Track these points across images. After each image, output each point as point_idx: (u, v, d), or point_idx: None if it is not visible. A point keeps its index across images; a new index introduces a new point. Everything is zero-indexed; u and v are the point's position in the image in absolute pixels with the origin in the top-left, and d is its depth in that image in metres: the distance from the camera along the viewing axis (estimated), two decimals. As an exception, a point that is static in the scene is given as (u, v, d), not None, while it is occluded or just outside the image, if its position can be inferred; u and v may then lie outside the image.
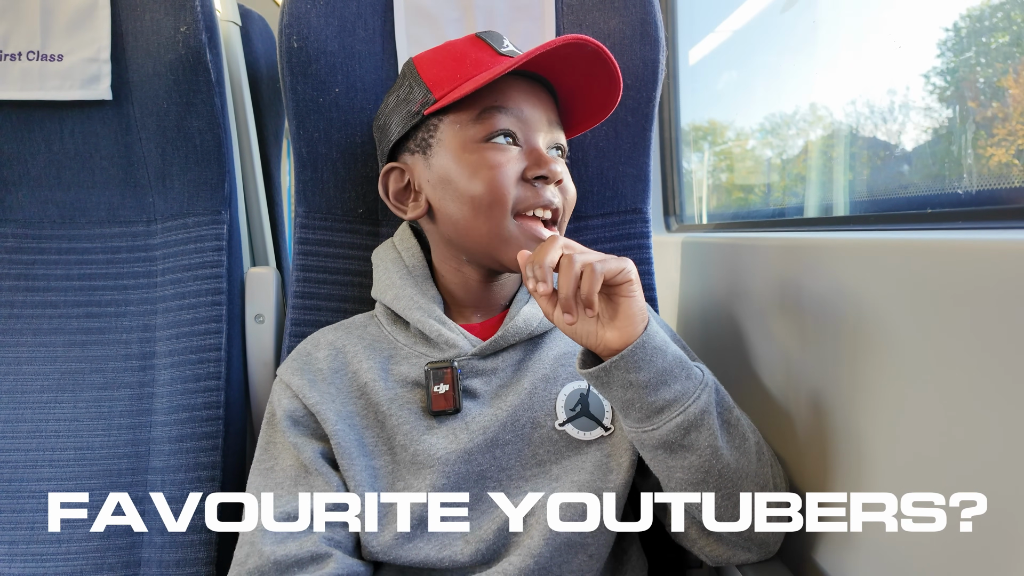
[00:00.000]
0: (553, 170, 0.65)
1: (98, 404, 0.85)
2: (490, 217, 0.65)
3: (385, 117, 0.73)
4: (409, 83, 0.69)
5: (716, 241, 0.93)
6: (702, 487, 0.58)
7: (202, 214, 0.90)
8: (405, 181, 0.72)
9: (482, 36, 0.69)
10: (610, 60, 0.65)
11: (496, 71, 0.63)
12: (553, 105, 0.70)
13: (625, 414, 0.58)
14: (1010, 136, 0.74)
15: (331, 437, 0.64)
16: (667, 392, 0.56)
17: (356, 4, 0.84)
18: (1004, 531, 0.43)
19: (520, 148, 0.66)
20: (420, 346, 0.69)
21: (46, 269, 0.89)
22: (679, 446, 0.57)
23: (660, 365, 0.56)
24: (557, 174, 0.66)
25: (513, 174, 0.65)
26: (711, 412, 0.58)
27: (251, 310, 0.93)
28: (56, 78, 0.86)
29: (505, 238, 0.65)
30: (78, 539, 0.80)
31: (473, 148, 0.66)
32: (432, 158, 0.68)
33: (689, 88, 1.33)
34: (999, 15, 0.79)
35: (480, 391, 0.67)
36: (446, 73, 0.67)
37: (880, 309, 0.55)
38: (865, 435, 0.57)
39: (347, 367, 0.68)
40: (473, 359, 0.67)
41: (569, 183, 0.70)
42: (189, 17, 0.84)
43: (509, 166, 0.65)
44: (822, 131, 1.22)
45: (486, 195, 0.64)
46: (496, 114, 0.66)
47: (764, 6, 1.30)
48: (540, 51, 0.61)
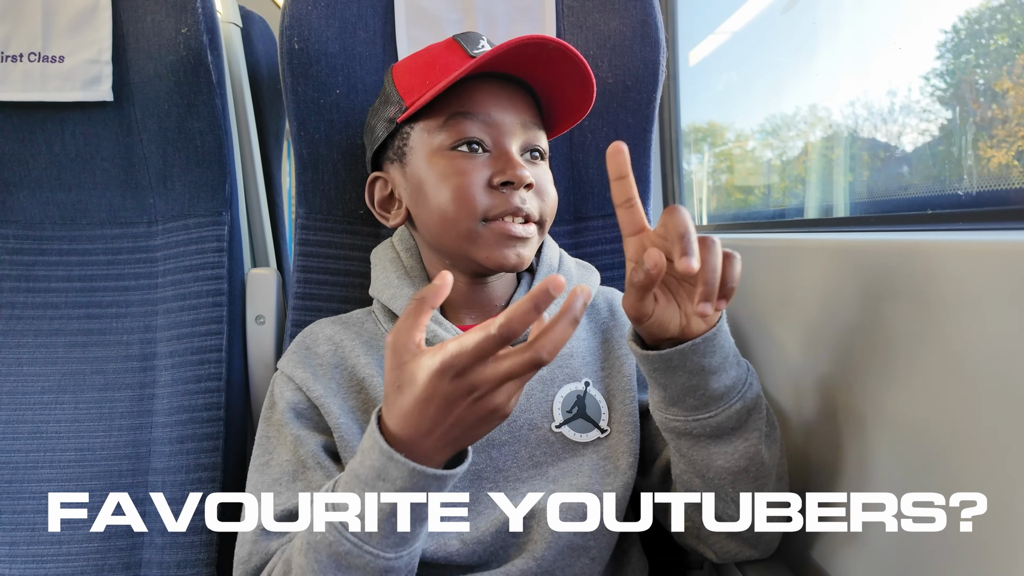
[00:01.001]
0: (519, 175, 0.63)
1: (99, 405, 0.85)
2: (458, 223, 0.64)
3: (370, 123, 0.73)
4: (387, 91, 0.69)
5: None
6: (740, 475, 0.58)
7: (203, 215, 0.90)
8: (388, 190, 0.72)
9: (458, 38, 0.68)
10: (577, 58, 0.63)
11: (452, 76, 0.61)
12: (530, 106, 0.69)
13: (679, 402, 0.57)
14: (1009, 138, 0.75)
15: (335, 430, 0.64)
16: (727, 378, 0.56)
17: (357, 6, 0.84)
18: (1004, 531, 0.43)
19: (489, 153, 0.65)
20: None
21: (47, 270, 0.89)
22: (731, 432, 0.57)
23: (728, 349, 0.56)
24: (523, 179, 0.63)
25: (480, 181, 0.64)
26: (762, 396, 0.59)
27: (252, 311, 0.93)
28: (57, 79, 0.86)
29: (475, 238, 0.64)
30: (79, 540, 0.80)
31: (441, 155, 0.65)
32: (407, 166, 0.68)
33: (689, 89, 1.33)
34: (999, 16, 0.79)
35: None
36: (416, 79, 0.67)
37: (880, 309, 0.56)
38: (865, 435, 0.57)
39: (345, 362, 0.68)
40: None
41: (546, 185, 0.68)
42: (190, 19, 0.85)
43: (475, 173, 0.64)
44: (822, 132, 1.22)
45: (452, 203, 0.64)
46: (462, 120, 0.64)
47: (764, 7, 1.31)
48: (497, 52, 0.60)
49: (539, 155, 0.69)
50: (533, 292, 0.42)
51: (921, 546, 0.50)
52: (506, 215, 0.64)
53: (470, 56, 0.65)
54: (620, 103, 0.86)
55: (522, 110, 0.67)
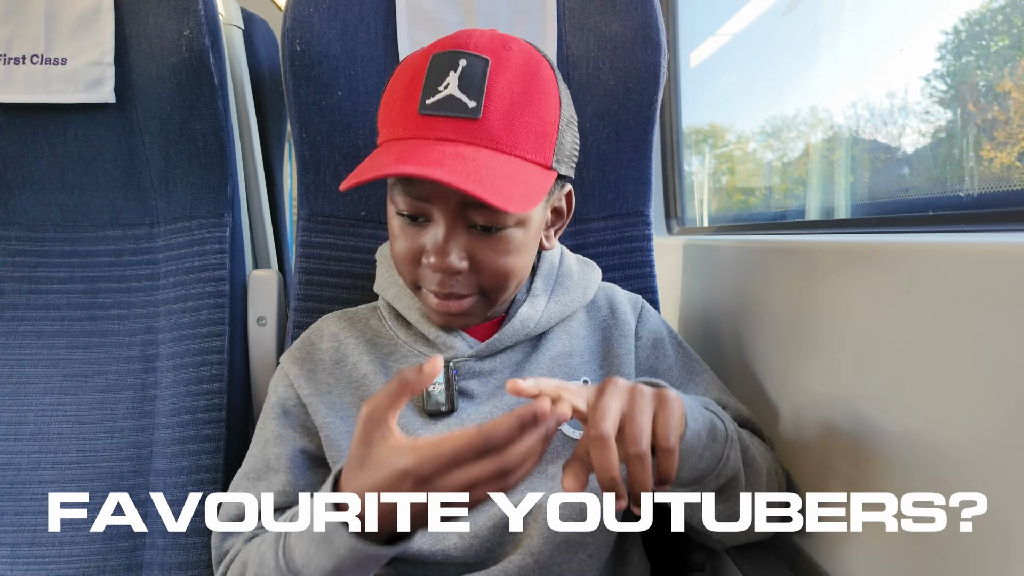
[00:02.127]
0: (441, 264, 0.59)
1: (101, 406, 0.85)
2: (405, 278, 0.65)
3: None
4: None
5: (717, 244, 0.93)
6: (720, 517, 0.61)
7: (205, 217, 0.90)
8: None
9: (431, 63, 0.59)
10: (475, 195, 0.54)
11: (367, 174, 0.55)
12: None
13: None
14: (1010, 139, 0.75)
15: (320, 430, 0.66)
16: (700, 466, 0.56)
17: (358, 8, 0.84)
18: (1004, 531, 0.43)
19: (432, 222, 0.61)
20: (419, 345, 0.69)
21: (49, 272, 0.89)
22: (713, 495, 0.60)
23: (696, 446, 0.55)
24: (448, 267, 0.59)
25: (413, 253, 0.62)
26: (739, 469, 0.59)
27: (253, 313, 0.94)
28: (60, 81, 0.86)
29: (422, 297, 0.66)
30: (80, 541, 0.80)
31: (392, 210, 0.63)
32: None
33: (690, 91, 1.33)
34: (999, 18, 0.79)
35: (476, 392, 0.67)
36: (383, 114, 0.62)
37: (880, 311, 0.56)
38: (865, 435, 0.57)
39: (346, 358, 0.69)
40: (470, 360, 0.67)
41: (493, 260, 0.61)
42: (192, 21, 0.85)
43: (411, 243, 0.62)
44: (823, 134, 1.22)
45: (396, 259, 0.65)
46: (397, 189, 0.61)
47: (765, 9, 1.31)
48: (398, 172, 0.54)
49: (492, 229, 0.61)
50: (520, 412, 0.43)
51: (921, 546, 0.50)
52: (431, 293, 0.63)
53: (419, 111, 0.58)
54: (621, 105, 0.86)
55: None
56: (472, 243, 0.61)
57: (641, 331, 0.73)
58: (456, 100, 0.57)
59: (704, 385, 0.72)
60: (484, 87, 0.58)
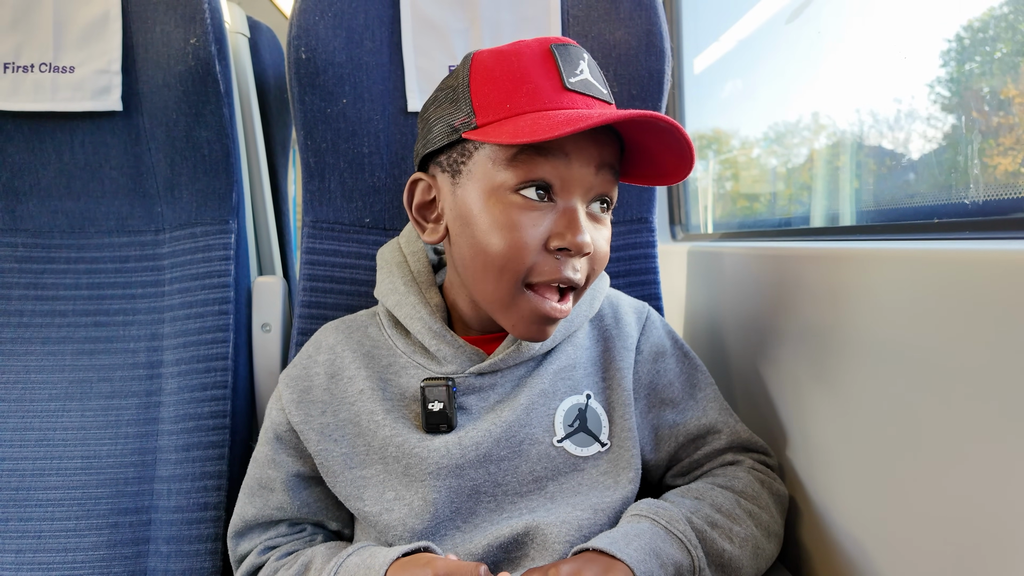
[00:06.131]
0: (580, 242, 0.56)
1: (105, 413, 0.85)
2: (499, 280, 0.59)
3: (429, 114, 0.64)
4: (458, 89, 0.60)
5: (721, 250, 0.93)
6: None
7: (210, 224, 0.90)
8: (432, 196, 0.65)
9: (556, 51, 0.58)
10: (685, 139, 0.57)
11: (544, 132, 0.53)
12: (612, 143, 0.60)
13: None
14: (1016, 145, 0.74)
15: (315, 456, 0.66)
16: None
17: (364, 16, 0.85)
18: (1004, 531, 0.43)
19: (554, 204, 0.58)
20: (419, 356, 0.67)
21: (55, 278, 0.90)
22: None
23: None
24: (583, 247, 0.57)
25: (535, 241, 0.57)
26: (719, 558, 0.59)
27: (258, 319, 0.94)
28: (67, 89, 0.87)
29: (508, 305, 0.60)
30: (84, 548, 0.80)
31: (501, 196, 0.58)
32: (459, 187, 0.61)
33: (694, 97, 1.33)
34: (1003, 25, 0.79)
35: (475, 407, 0.65)
36: (497, 96, 0.58)
37: (884, 318, 0.55)
38: (866, 440, 0.57)
39: (341, 373, 0.68)
40: (471, 376, 0.65)
41: (603, 247, 0.61)
42: (199, 29, 0.85)
43: (533, 230, 0.57)
44: (827, 140, 1.22)
45: (499, 257, 0.58)
46: (535, 158, 0.57)
47: (769, 16, 1.31)
48: (607, 121, 0.53)
49: (607, 205, 0.62)
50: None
51: (921, 546, 0.50)
52: (552, 282, 0.59)
53: (565, 87, 0.57)
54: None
55: (604, 148, 0.59)
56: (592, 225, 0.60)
57: (643, 344, 0.72)
58: (592, 85, 0.60)
59: (704, 403, 0.71)
60: (605, 80, 0.62)
